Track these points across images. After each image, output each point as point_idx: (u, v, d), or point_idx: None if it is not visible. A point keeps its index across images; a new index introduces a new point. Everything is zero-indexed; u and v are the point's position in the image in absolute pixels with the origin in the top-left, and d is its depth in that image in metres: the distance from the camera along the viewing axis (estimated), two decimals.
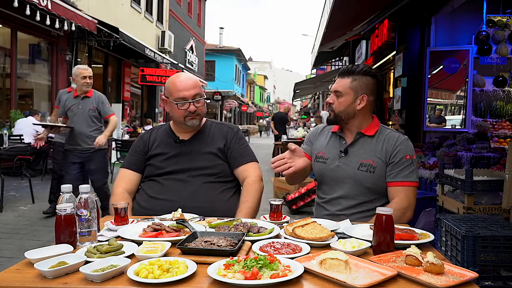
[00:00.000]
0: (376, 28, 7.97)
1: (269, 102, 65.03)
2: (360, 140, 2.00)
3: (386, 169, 1.93)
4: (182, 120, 2.05)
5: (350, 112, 1.97)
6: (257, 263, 1.11)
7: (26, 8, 6.94)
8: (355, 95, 1.96)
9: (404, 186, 1.90)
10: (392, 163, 1.92)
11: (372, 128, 2.01)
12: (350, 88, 1.96)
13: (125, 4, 12.98)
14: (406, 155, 1.92)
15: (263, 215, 1.80)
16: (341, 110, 1.98)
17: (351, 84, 1.96)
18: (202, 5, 23.59)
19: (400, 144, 1.94)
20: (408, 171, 1.91)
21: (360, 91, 1.96)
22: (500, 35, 5.43)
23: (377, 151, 1.95)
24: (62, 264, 1.16)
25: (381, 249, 1.33)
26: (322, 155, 2.07)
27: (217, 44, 33.73)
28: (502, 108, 5.66)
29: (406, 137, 2.00)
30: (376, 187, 1.94)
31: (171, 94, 2.04)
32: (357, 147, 1.99)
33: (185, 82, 2.03)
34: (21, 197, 5.97)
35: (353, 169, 1.95)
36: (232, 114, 35.95)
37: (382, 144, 1.96)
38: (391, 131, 2.02)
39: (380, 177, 1.93)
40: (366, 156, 1.95)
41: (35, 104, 9.75)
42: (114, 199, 1.98)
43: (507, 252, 1.95)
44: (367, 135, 1.99)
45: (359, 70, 1.97)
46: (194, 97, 2.03)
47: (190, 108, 2.02)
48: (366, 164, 1.93)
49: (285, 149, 2.11)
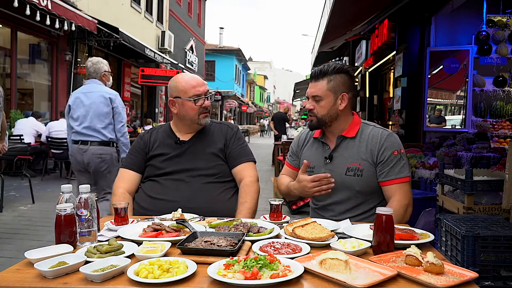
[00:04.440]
0: (376, 28, 7.97)
1: (269, 102, 65.03)
2: (343, 144, 1.94)
3: (376, 169, 1.89)
4: (196, 118, 2.07)
5: (333, 114, 1.91)
6: (257, 263, 1.11)
7: (26, 8, 6.95)
8: (335, 96, 1.90)
9: (399, 183, 1.87)
10: (381, 162, 1.88)
11: (353, 128, 1.95)
12: (329, 90, 1.90)
13: (125, 4, 12.98)
14: (394, 151, 1.87)
15: (263, 215, 1.80)
16: (324, 113, 1.91)
17: (328, 85, 1.90)
18: (202, 5, 23.59)
19: (385, 140, 1.89)
20: (399, 167, 1.87)
21: (339, 91, 1.91)
22: (500, 35, 5.43)
23: (362, 152, 1.90)
24: (62, 264, 1.16)
25: (381, 249, 1.33)
26: (309, 164, 1.99)
27: (217, 44, 33.73)
28: (502, 108, 5.66)
29: (389, 131, 1.94)
30: (366, 189, 1.90)
31: (185, 92, 2.05)
32: (340, 151, 1.94)
33: (196, 79, 2.09)
34: (21, 197, 5.96)
35: (340, 175, 1.90)
36: (232, 114, 35.96)
37: (366, 144, 1.90)
38: (373, 127, 1.96)
39: (368, 179, 1.88)
40: (351, 160, 1.90)
41: (35, 104, 9.75)
42: (115, 199, 1.98)
43: (507, 252, 1.95)
44: (349, 137, 1.94)
45: (332, 69, 1.90)
46: (207, 93, 2.09)
47: (206, 104, 2.06)
48: (352, 168, 1.89)
49: (285, 149, 2.11)
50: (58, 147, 7.49)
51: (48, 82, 9.85)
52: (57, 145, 7.48)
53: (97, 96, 3.70)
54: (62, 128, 7.59)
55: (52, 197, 5.99)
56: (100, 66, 3.79)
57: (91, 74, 3.80)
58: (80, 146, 3.67)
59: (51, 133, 7.56)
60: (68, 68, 10.04)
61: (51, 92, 9.85)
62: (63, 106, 9.64)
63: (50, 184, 7.25)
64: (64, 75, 9.96)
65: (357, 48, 11.15)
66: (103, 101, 3.68)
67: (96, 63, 3.79)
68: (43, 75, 9.87)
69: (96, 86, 3.76)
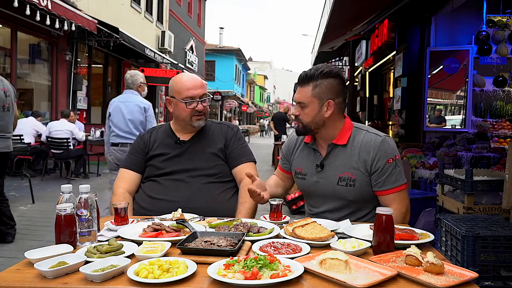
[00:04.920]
0: (376, 28, 7.97)
1: (269, 102, 65.02)
2: (334, 152, 1.87)
3: (370, 178, 1.82)
4: (188, 119, 2.06)
5: (319, 121, 1.82)
6: (257, 263, 1.11)
7: (26, 8, 6.95)
8: (320, 103, 1.80)
9: (396, 192, 1.81)
10: (376, 171, 1.80)
11: (343, 134, 1.86)
12: (313, 97, 1.80)
13: (125, 4, 12.98)
14: (388, 160, 1.79)
15: (263, 215, 1.80)
16: (309, 121, 1.83)
17: (313, 92, 1.80)
18: (202, 5, 23.59)
19: (378, 149, 1.79)
20: (395, 175, 1.80)
21: (325, 97, 1.80)
22: (500, 35, 5.43)
23: (354, 161, 1.82)
24: (62, 264, 1.16)
25: (381, 249, 1.33)
26: (301, 171, 1.97)
27: (217, 44, 33.73)
28: (502, 108, 5.67)
29: (382, 137, 1.84)
30: (359, 198, 1.85)
31: (179, 93, 2.05)
32: (331, 159, 1.87)
33: (193, 81, 2.06)
34: (21, 197, 5.96)
35: (332, 184, 1.85)
36: (232, 114, 35.96)
37: (359, 152, 1.82)
38: (366, 133, 1.86)
39: (361, 188, 1.82)
40: (343, 169, 1.83)
41: (35, 104, 9.75)
42: (115, 199, 1.98)
43: (507, 252, 1.96)
44: (340, 144, 1.85)
45: (319, 74, 1.79)
46: (202, 96, 2.06)
47: (198, 107, 2.04)
48: (344, 177, 1.82)
49: None
50: (58, 147, 7.49)
51: (48, 82, 9.85)
52: (57, 145, 7.47)
53: (134, 105, 4.20)
54: (62, 128, 7.60)
55: (52, 197, 5.99)
56: (136, 78, 4.33)
57: (129, 85, 4.31)
58: (120, 147, 4.17)
59: (51, 133, 7.56)
60: (68, 68, 10.04)
61: (51, 92, 9.85)
62: (63, 106, 9.67)
63: (50, 184, 7.25)
64: (64, 75, 9.96)
65: (357, 48, 11.16)
66: (138, 110, 4.20)
67: (134, 75, 4.33)
68: (43, 75, 9.87)
69: (132, 96, 4.25)
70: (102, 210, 1.77)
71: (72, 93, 10.15)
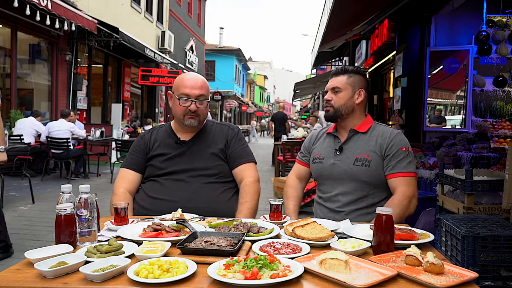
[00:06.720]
0: (376, 28, 7.98)
1: (269, 102, 65.00)
2: (354, 137, 2.05)
3: (383, 163, 1.97)
4: (181, 117, 2.06)
5: (349, 106, 2.04)
6: (257, 263, 1.11)
7: (26, 8, 6.94)
8: (353, 90, 2.05)
9: (405, 177, 1.93)
10: (389, 156, 1.96)
11: (365, 125, 2.07)
12: (348, 84, 2.05)
13: (125, 4, 12.98)
14: (402, 147, 1.97)
15: (263, 215, 1.80)
16: (341, 104, 2.04)
17: (348, 80, 2.05)
18: (202, 5, 23.59)
19: (394, 137, 1.99)
20: (406, 162, 1.95)
21: (357, 86, 2.06)
22: (500, 35, 5.43)
23: (371, 145, 1.99)
24: (62, 264, 1.16)
25: (381, 249, 1.33)
26: (319, 156, 2.13)
27: (217, 44, 33.70)
28: (502, 108, 5.66)
29: (399, 131, 2.06)
30: (372, 181, 1.97)
31: (177, 89, 2.07)
32: (351, 143, 2.04)
33: (193, 81, 2.06)
34: (21, 197, 5.96)
35: (348, 165, 1.99)
36: (232, 114, 35.95)
37: (376, 139, 2.01)
38: (384, 126, 2.08)
39: (375, 171, 1.96)
40: (360, 151, 1.99)
41: (35, 104, 9.75)
42: (116, 199, 1.98)
43: (507, 252, 1.95)
44: (360, 131, 2.05)
45: (352, 69, 2.08)
46: (198, 97, 2.04)
47: (191, 107, 2.03)
48: (361, 158, 1.98)
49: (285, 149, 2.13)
50: (58, 147, 7.48)
51: (48, 82, 9.85)
52: (57, 145, 7.46)
53: None
54: (62, 128, 7.59)
55: (52, 197, 5.99)
56: None
57: None
58: None
59: (50, 133, 7.54)
60: (68, 68, 10.04)
61: (51, 92, 9.84)
62: (63, 106, 9.68)
63: (50, 184, 7.25)
64: (64, 75, 9.96)
65: (357, 48, 11.16)
66: None
67: None
68: (43, 75, 9.86)
69: None
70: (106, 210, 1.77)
71: (72, 93, 10.16)
